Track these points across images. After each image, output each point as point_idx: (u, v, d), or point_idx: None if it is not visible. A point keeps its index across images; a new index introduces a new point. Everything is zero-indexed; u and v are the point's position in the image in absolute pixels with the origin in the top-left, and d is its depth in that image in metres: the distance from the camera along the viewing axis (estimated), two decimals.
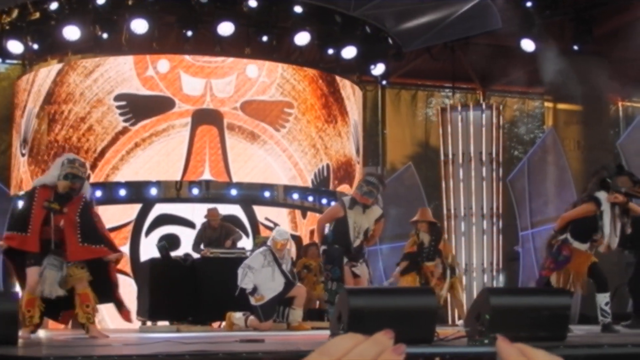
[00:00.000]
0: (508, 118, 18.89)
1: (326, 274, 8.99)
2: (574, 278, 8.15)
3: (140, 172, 14.31)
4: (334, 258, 8.90)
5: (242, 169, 14.57)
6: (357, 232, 8.90)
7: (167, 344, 6.16)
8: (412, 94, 19.07)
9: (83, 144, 14.28)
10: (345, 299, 6.17)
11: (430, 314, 6.19)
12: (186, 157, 14.28)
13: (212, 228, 12.07)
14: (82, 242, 7.53)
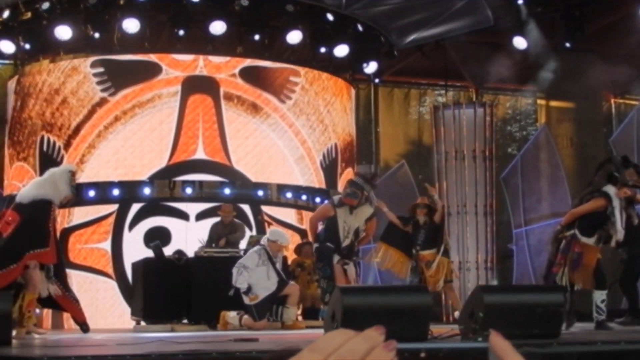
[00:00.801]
0: (501, 116, 18.91)
1: (318, 272, 9.02)
2: (582, 273, 8.11)
3: (121, 150, 13.67)
4: (325, 256, 8.94)
5: (242, 147, 13.93)
6: (347, 231, 8.93)
7: (161, 343, 6.16)
8: (405, 92, 19.08)
9: (57, 119, 13.87)
10: (339, 297, 6.17)
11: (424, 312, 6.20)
12: (175, 132, 13.59)
13: (223, 224, 12.07)
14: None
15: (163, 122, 13.78)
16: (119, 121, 13.77)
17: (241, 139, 14.08)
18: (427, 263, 10.66)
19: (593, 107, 17.50)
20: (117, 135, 13.77)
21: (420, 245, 10.63)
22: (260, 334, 7.76)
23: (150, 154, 13.81)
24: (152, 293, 10.79)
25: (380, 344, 0.70)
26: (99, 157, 13.82)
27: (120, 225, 13.68)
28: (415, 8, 14.86)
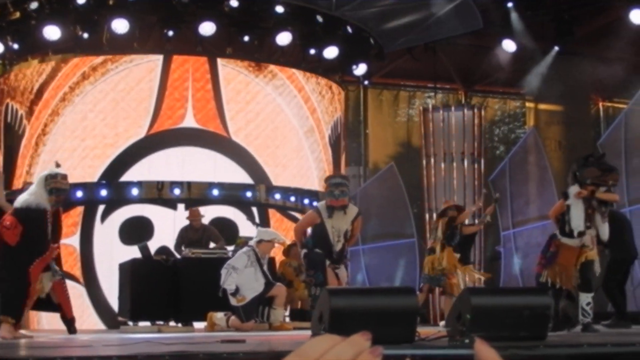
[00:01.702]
0: (489, 118, 18.96)
1: (309, 279, 8.99)
2: (561, 273, 8.19)
3: (90, 116, 12.59)
4: (316, 263, 8.92)
5: (242, 113, 12.91)
6: (337, 236, 8.91)
7: (148, 344, 6.13)
8: (394, 94, 19.12)
9: (19, 81, 13.23)
10: (326, 299, 6.17)
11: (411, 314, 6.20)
12: (158, 94, 12.44)
13: (193, 229, 11.96)
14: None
15: (142, 81, 12.62)
16: (86, 80, 12.71)
17: (241, 103, 12.90)
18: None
19: (581, 110, 17.56)
20: (85, 98, 12.50)
21: (453, 246, 10.73)
22: (248, 335, 7.75)
23: (125, 122, 12.66)
24: (140, 294, 10.76)
25: (366, 349, 0.70)
26: (64, 126, 12.72)
27: (91, 215, 13.07)
28: (405, 10, 14.87)
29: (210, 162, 13.49)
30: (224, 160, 13.66)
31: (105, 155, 13.49)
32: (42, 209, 8.04)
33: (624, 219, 10.30)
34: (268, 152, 13.65)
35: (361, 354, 0.69)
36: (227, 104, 12.71)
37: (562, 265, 8.16)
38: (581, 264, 8.13)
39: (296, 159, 13.98)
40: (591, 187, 8.07)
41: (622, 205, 12.97)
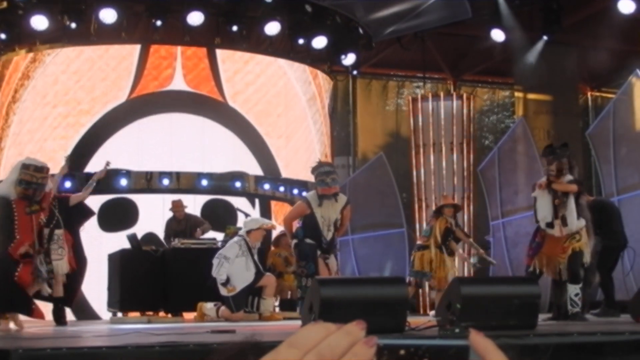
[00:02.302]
0: (478, 108, 18.97)
1: (301, 270, 8.97)
2: (546, 262, 8.25)
3: (61, 78, 11.83)
4: (307, 254, 8.90)
5: (240, 74, 12.15)
6: (327, 225, 8.91)
7: (137, 335, 6.13)
8: (383, 84, 19.10)
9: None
10: (316, 289, 6.17)
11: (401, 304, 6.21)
12: (141, 52, 11.55)
13: (177, 220, 12.01)
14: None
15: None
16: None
17: (239, 63, 11.97)
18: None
19: (570, 100, 17.60)
20: (57, 58, 11.54)
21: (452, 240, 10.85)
22: (238, 326, 7.76)
23: (103, 84, 11.82)
24: (129, 284, 10.75)
25: (360, 339, 0.69)
26: (34, 91, 11.94)
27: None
28: (393, 0, 14.85)
29: (202, 131, 12.72)
30: (218, 129, 12.93)
31: (80, 124, 12.81)
32: (7, 199, 7.93)
33: (613, 208, 10.34)
34: (269, 122, 12.94)
35: (355, 344, 0.68)
36: (223, 63, 11.90)
37: (547, 255, 8.22)
38: (569, 255, 8.16)
39: (300, 131, 13.34)
40: (545, 179, 8.19)
41: (610, 194, 13.01)
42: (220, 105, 12.31)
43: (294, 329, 6.35)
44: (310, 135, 13.58)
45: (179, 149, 13.41)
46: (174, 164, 13.47)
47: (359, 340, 0.69)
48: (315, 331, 0.70)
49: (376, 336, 0.69)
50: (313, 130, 13.55)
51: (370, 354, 0.68)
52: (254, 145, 13.33)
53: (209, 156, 13.08)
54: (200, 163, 13.12)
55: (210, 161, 13.21)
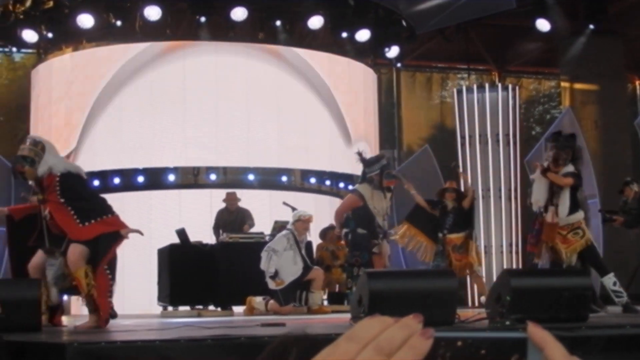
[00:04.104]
0: (524, 98, 18.80)
1: (355, 259, 9.02)
2: (540, 248, 8.23)
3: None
4: (360, 244, 9.00)
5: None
6: (382, 215, 9.06)
7: (189, 328, 6.18)
8: (427, 76, 19.02)
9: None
10: (365, 282, 6.18)
11: (450, 296, 6.19)
12: None
13: (228, 211, 12.14)
14: (82, 222, 6.62)
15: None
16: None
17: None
18: (454, 246, 10.57)
19: (617, 89, 17.36)
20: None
21: (447, 229, 10.54)
22: (287, 319, 7.79)
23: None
24: (178, 279, 10.85)
25: (417, 332, 0.70)
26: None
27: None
28: None
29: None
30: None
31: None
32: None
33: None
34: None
35: (412, 337, 0.69)
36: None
37: (545, 240, 8.18)
38: (583, 252, 8.08)
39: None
40: (541, 165, 8.13)
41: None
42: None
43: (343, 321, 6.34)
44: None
45: (226, 141, 13.67)
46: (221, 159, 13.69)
47: (415, 333, 0.70)
48: (372, 325, 0.71)
49: (433, 328, 0.70)
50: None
51: (427, 346, 0.69)
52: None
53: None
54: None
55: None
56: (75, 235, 6.58)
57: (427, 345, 0.69)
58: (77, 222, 6.57)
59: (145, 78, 13.94)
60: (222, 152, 13.92)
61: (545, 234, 8.12)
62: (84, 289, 6.57)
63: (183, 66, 14.05)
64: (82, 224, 6.57)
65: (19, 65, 16.75)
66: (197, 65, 14.21)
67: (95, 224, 6.62)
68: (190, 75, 14.14)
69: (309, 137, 14.39)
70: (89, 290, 6.56)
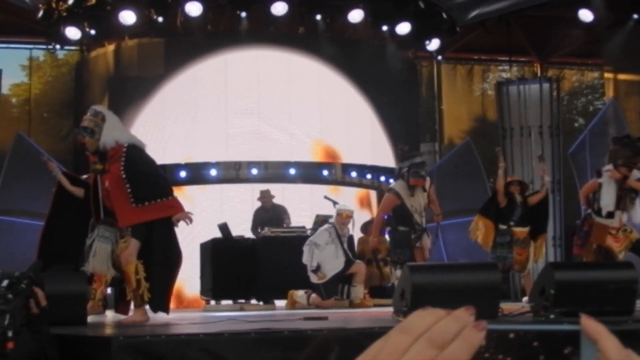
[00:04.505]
0: (567, 90, 18.59)
1: (397, 257, 9.01)
2: (589, 251, 8.16)
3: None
4: (401, 241, 8.99)
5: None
6: (419, 212, 9.02)
7: (232, 322, 6.22)
8: (468, 69, 18.87)
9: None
10: (407, 276, 6.17)
11: (493, 290, 6.16)
12: None
13: (264, 209, 12.21)
14: (136, 203, 6.41)
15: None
16: None
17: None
18: (517, 240, 10.36)
19: None
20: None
21: (515, 222, 10.33)
22: (329, 312, 7.80)
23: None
24: (221, 273, 10.92)
25: (470, 324, 0.70)
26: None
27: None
28: None
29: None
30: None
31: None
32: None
33: None
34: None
35: (465, 329, 0.69)
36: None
37: (596, 242, 8.11)
38: (634, 245, 8.01)
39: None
40: (624, 169, 7.99)
41: None
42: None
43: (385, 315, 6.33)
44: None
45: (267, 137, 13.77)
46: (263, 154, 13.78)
47: (468, 325, 0.70)
48: (424, 317, 0.71)
49: (486, 320, 0.69)
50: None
51: (480, 338, 0.69)
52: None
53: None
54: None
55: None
56: (125, 220, 6.45)
57: (480, 337, 0.69)
58: (130, 202, 6.41)
59: (187, 74, 14.02)
60: (264, 147, 13.98)
61: (595, 236, 8.07)
62: (132, 284, 6.51)
63: (224, 61, 14.12)
64: (135, 204, 6.40)
65: (62, 62, 16.94)
66: (238, 60, 14.28)
67: (149, 206, 6.43)
68: (232, 70, 14.21)
69: (350, 130, 14.39)
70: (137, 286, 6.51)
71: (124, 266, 6.52)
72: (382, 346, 0.71)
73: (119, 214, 6.44)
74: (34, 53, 16.31)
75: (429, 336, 0.69)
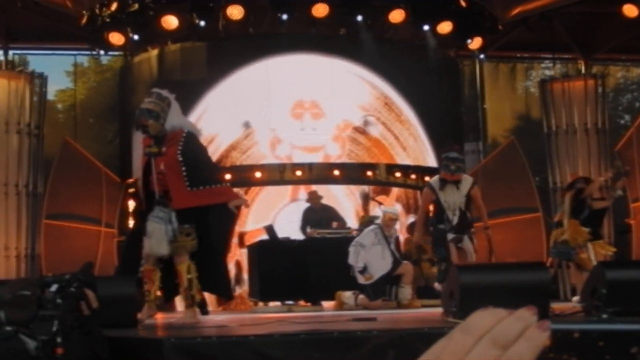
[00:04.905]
0: (612, 87, 18.37)
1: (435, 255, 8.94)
2: None
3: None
4: (437, 239, 8.86)
5: None
6: (452, 209, 8.77)
7: (281, 324, 6.24)
8: (511, 67, 18.71)
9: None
10: (455, 276, 6.15)
11: (543, 289, 6.12)
12: None
13: (313, 210, 12.21)
14: (191, 187, 6.52)
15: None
16: None
17: None
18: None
19: None
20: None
21: (581, 221, 10.25)
22: (378, 314, 7.78)
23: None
24: (268, 274, 10.95)
25: (533, 324, 0.69)
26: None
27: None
28: None
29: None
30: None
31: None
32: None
33: None
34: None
35: (528, 329, 0.69)
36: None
37: None
38: None
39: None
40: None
41: None
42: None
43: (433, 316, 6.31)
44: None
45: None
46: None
47: (531, 325, 0.69)
48: (486, 317, 0.70)
49: (549, 320, 0.69)
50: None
51: (544, 338, 0.68)
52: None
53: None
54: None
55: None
56: (179, 202, 6.48)
57: (545, 337, 0.68)
58: (185, 185, 6.49)
59: (230, 77, 14.09)
60: (307, 148, 14.00)
61: None
62: (184, 282, 6.54)
63: (266, 65, 14.17)
64: (190, 188, 6.49)
65: (106, 67, 17.10)
66: (280, 63, 14.31)
67: (203, 191, 6.51)
68: (274, 72, 14.25)
69: (392, 131, 14.35)
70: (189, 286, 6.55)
71: (177, 264, 6.57)
72: (445, 346, 0.70)
73: (174, 196, 6.51)
74: (78, 59, 16.50)
75: (492, 336, 0.69)
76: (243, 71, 14.24)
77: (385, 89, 14.72)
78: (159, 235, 6.46)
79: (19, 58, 15.92)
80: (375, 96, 14.56)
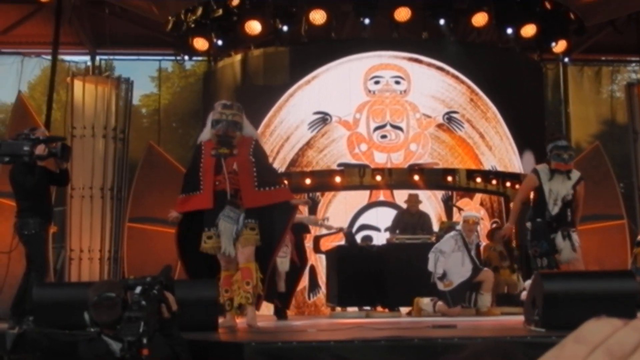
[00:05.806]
0: None
1: (534, 250, 8.34)
2: None
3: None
4: (538, 233, 8.25)
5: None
6: (555, 199, 8.23)
7: (360, 329, 6.24)
8: (596, 70, 18.36)
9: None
10: (539, 284, 6.05)
11: (629, 298, 5.97)
12: None
13: (409, 213, 12.17)
14: (259, 187, 6.80)
15: None
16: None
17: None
18: None
19: None
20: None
21: None
22: (457, 321, 7.71)
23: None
24: (346, 280, 10.95)
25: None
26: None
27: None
28: None
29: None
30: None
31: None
32: (199, 143, 7.14)
33: None
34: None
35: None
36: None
37: None
38: None
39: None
40: None
41: None
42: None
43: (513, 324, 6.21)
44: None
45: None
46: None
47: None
48: (601, 327, 0.69)
49: None
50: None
51: None
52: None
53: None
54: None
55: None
56: (250, 201, 6.76)
57: None
58: (254, 184, 6.82)
59: (313, 81, 14.14)
60: (387, 153, 13.94)
61: None
62: (253, 280, 6.68)
63: (349, 69, 14.16)
64: (258, 188, 6.82)
65: (190, 72, 17.37)
66: (362, 67, 14.28)
67: (269, 191, 6.86)
68: (356, 76, 14.23)
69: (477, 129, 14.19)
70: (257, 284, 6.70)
71: (245, 263, 6.72)
72: (557, 355, 0.69)
73: (245, 195, 6.80)
74: (163, 64, 16.80)
75: (607, 347, 0.67)
76: (324, 71, 14.25)
77: (470, 84, 14.54)
78: (227, 234, 6.67)
79: (105, 63, 16.29)
80: (460, 91, 14.36)
